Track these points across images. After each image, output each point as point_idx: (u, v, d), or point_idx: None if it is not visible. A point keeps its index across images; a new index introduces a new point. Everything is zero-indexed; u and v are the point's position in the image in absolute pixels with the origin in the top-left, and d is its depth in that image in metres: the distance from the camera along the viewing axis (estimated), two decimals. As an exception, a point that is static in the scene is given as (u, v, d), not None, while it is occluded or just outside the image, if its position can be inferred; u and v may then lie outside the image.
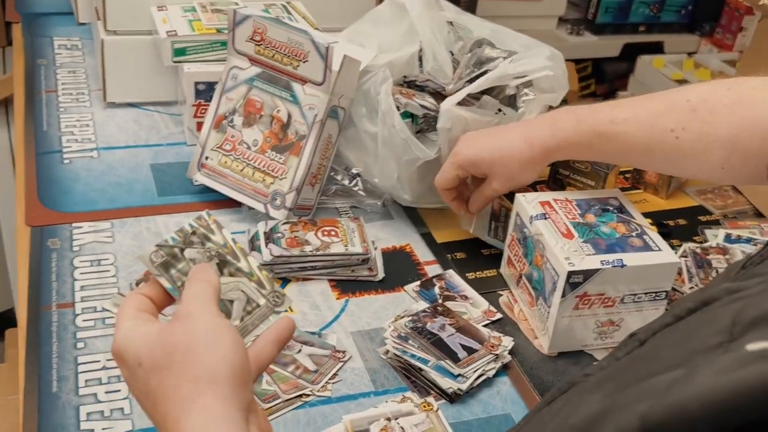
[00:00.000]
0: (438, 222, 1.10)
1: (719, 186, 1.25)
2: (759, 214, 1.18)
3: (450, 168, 0.97)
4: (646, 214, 0.98)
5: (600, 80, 2.55)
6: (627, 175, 1.24)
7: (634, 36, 2.40)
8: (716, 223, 1.15)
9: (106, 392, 0.81)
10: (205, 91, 1.16)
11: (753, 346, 0.34)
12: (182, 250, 0.59)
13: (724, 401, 0.32)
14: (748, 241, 1.08)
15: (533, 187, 1.21)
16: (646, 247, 0.90)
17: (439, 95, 1.09)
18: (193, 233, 0.60)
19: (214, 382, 0.52)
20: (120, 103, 1.29)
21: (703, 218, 1.17)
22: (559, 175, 1.18)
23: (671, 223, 1.15)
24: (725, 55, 2.40)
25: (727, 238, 1.09)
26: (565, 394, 0.52)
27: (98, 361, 0.84)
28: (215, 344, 0.53)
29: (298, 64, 1.02)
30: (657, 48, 2.43)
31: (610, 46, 2.39)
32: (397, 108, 1.02)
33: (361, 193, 1.10)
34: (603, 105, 0.92)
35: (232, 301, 0.60)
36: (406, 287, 0.99)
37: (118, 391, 0.81)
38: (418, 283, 0.99)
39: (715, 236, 1.10)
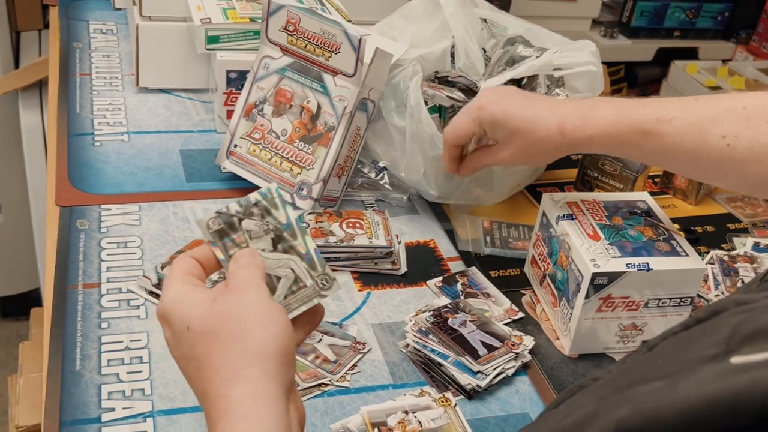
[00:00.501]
0: (462, 217, 1.10)
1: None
2: (789, 224, 1.17)
3: (468, 122, 0.89)
4: (674, 220, 0.97)
5: (632, 84, 2.53)
6: (656, 180, 1.23)
7: (669, 41, 2.38)
8: (745, 232, 1.14)
9: (128, 372, 0.82)
10: (237, 80, 1.17)
11: (737, 359, 0.35)
12: (240, 220, 0.60)
13: (696, 412, 0.32)
14: (777, 250, 1.06)
15: (560, 187, 1.21)
16: (673, 252, 0.89)
17: (470, 91, 1.09)
18: (255, 205, 0.60)
19: (262, 356, 0.53)
20: (152, 88, 1.30)
21: (731, 226, 1.16)
22: (587, 177, 1.18)
23: (699, 229, 1.14)
24: (761, 64, 2.37)
25: (756, 246, 1.08)
26: (572, 397, 0.51)
27: (121, 342, 0.85)
28: (267, 321, 0.54)
29: (330, 56, 1.02)
30: (691, 54, 2.40)
31: (644, 50, 2.36)
32: (425, 101, 1.01)
33: (387, 186, 1.10)
34: (645, 101, 0.83)
35: (279, 278, 0.60)
36: (428, 282, 0.99)
37: (140, 371, 0.82)
38: (441, 278, 0.99)
39: (743, 244, 1.09)
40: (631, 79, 2.51)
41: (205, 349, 0.54)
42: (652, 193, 1.20)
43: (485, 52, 1.13)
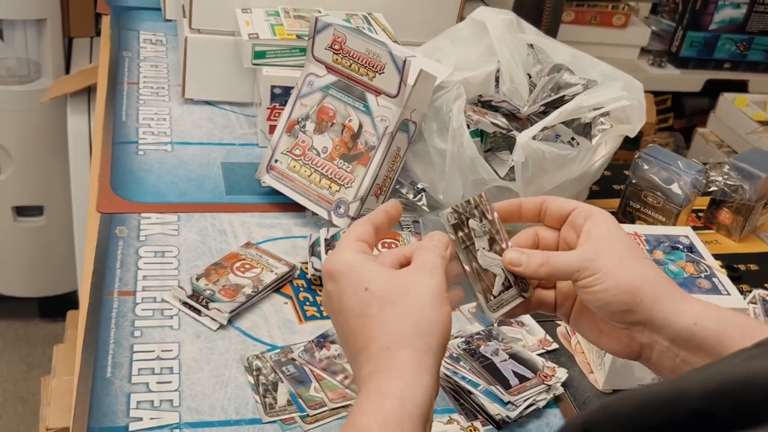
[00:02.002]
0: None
1: (796, 233, 1.20)
2: (836, 267, 1.14)
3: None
4: (716, 256, 0.95)
5: (679, 115, 2.49)
6: (700, 214, 1.21)
7: (718, 72, 2.35)
8: (790, 272, 1.11)
9: (158, 382, 0.82)
10: (281, 95, 1.18)
11: None
12: (467, 219, 0.65)
13: (641, 404, 0.39)
14: (823, 293, 1.03)
15: (601, 217, 1.19)
16: (714, 290, 0.87)
17: (513, 117, 1.08)
18: (476, 207, 0.66)
19: (430, 334, 0.57)
20: (197, 100, 1.31)
21: (776, 265, 1.13)
22: (629, 208, 1.16)
23: (742, 267, 1.11)
24: (814, 98, 2.32)
25: (800, 288, 1.05)
26: None
27: (153, 351, 0.85)
28: (440, 306, 0.59)
29: (374, 75, 1.02)
30: (741, 86, 2.36)
31: (693, 80, 2.33)
32: (468, 125, 1.01)
33: (425, 208, 1.09)
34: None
35: (495, 275, 0.65)
36: (461, 307, 0.98)
37: (170, 382, 0.82)
38: (475, 304, 0.98)
39: (787, 285, 1.06)
40: (678, 110, 2.48)
41: (380, 311, 0.58)
42: (694, 228, 1.18)
43: (530, 77, 1.12)
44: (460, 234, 0.64)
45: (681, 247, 0.93)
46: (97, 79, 1.40)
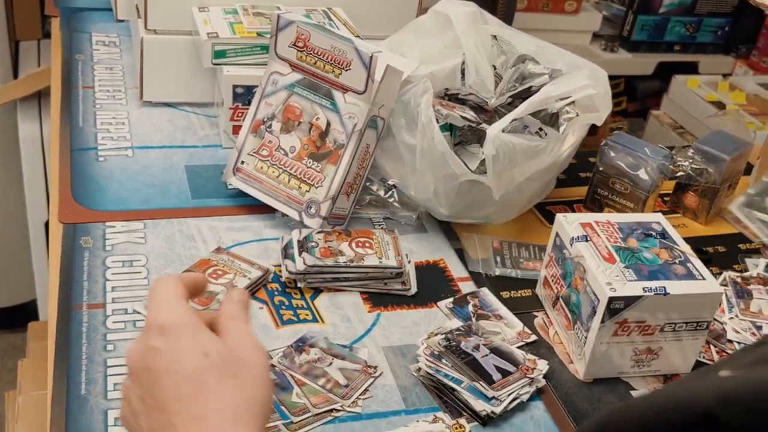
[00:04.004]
0: (471, 237, 1.08)
1: (759, 214, 1.22)
2: (800, 245, 1.16)
3: None
4: (684, 240, 0.95)
5: (632, 98, 2.52)
6: (666, 199, 1.22)
7: (669, 55, 2.37)
8: (757, 252, 1.13)
9: (135, 397, 0.79)
10: (243, 95, 1.15)
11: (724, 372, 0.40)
12: None
13: (655, 407, 0.40)
14: (790, 272, 1.05)
15: (569, 206, 1.19)
16: (690, 276, 0.87)
17: (481, 109, 1.07)
18: None
19: (267, 414, 0.56)
20: (156, 102, 1.28)
21: (743, 246, 1.14)
22: (597, 195, 1.16)
23: (710, 249, 1.12)
24: (761, 78, 2.37)
25: (768, 267, 1.07)
26: None
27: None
28: (270, 384, 0.58)
29: (340, 72, 1.00)
30: (691, 68, 2.39)
31: (644, 64, 2.36)
32: (437, 120, 1.00)
33: (396, 204, 1.08)
34: None
35: None
36: (439, 303, 0.97)
37: (147, 396, 0.80)
38: (452, 299, 0.98)
39: (755, 265, 1.08)
40: (631, 93, 2.50)
41: (219, 381, 0.54)
42: (661, 212, 1.19)
43: (495, 69, 1.11)
44: None
45: (654, 233, 0.93)
46: (48, 83, 1.36)
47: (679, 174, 1.14)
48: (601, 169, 1.14)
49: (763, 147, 1.26)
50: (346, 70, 1.00)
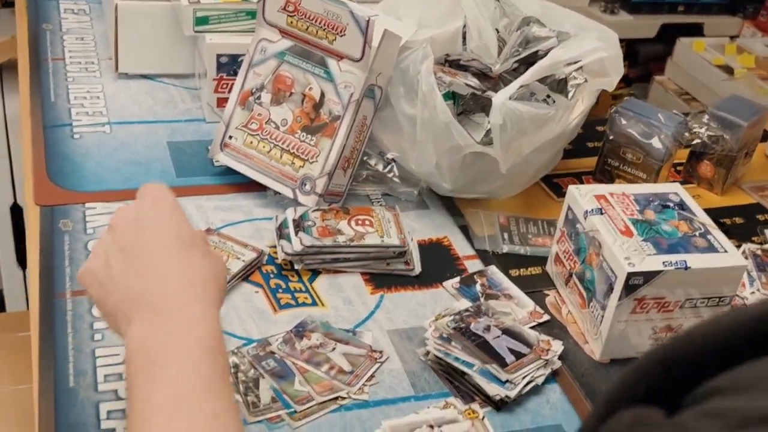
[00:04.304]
0: (476, 213, 1.09)
1: (777, 182, 1.23)
2: (821, 215, 1.17)
3: None
4: (700, 211, 0.96)
5: (633, 63, 2.52)
6: (678, 168, 1.22)
7: (672, 16, 2.37)
8: (776, 223, 1.14)
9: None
10: (228, 64, 1.14)
11: None
12: None
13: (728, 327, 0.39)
14: (812, 243, 1.06)
15: (578, 178, 1.20)
16: (711, 248, 0.88)
17: (484, 76, 1.07)
18: None
19: None
20: (132, 74, 1.27)
21: (761, 217, 1.15)
22: (607, 166, 1.17)
23: (728, 221, 1.13)
24: (773, 40, 2.37)
25: (789, 239, 1.08)
26: None
27: (117, 355, 0.83)
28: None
29: (334, 38, 1.00)
30: (696, 30, 2.40)
31: (647, 26, 2.36)
32: (439, 88, 1.00)
33: (396, 180, 1.08)
34: None
35: None
36: (444, 283, 0.97)
37: (140, 388, 0.80)
38: (458, 279, 0.98)
39: (775, 237, 1.09)
40: (632, 58, 2.51)
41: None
42: (674, 182, 1.20)
43: (498, 33, 1.11)
44: None
45: (671, 205, 0.94)
46: (11, 55, 1.34)
47: (695, 142, 1.15)
48: (611, 138, 1.15)
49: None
50: (341, 36, 0.99)
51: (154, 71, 1.27)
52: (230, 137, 1.06)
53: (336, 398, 0.81)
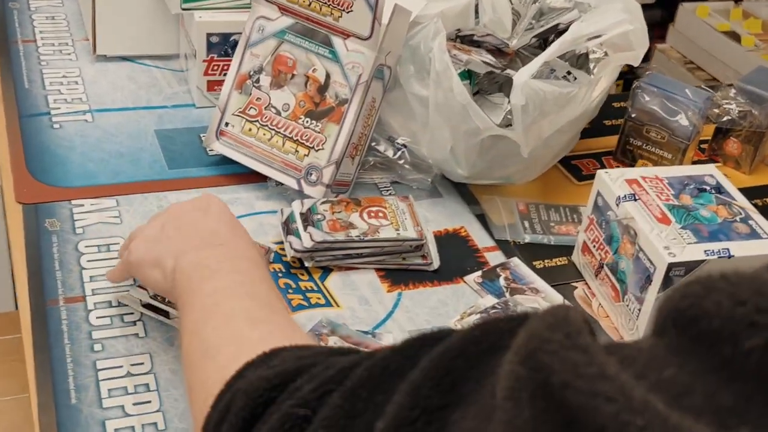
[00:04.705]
0: (493, 200, 1.08)
1: (807, 159, 1.24)
2: None
3: None
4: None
5: (633, 30, 2.52)
6: (703, 146, 1.22)
7: (674, -21, 2.37)
8: (809, 203, 1.14)
9: (135, 404, 0.78)
10: (219, 44, 1.12)
11: None
12: None
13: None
14: None
15: (597, 159, 1.20)
16: (754, 235, 0.88)
17: (499, 52, 1.06)
18: None
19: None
20: (112, 56, 1.24)
21: (793, 198, 1.16)
22: (629, 146, 1.16)
23: (758, 202, 1.13)
24: (778, 3, 2.38)
25: (825, 220, 1.08)
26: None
27: (121, 366, 0.81)
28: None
29: (340, 15, 0.98)
30: (697, -8, 2.40)
31: (648, -9, 2.35)
32: (455, 67, 0.98)
33: (407, 167, 1.07)
34: None
35: None
36: (465, 278, 0.97)
37: (149, 402, 0.78)
38: (480, 273, 0.97)
39: (811, 218, 1.09)
40: (632, 25, 2.50)
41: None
42: (698, 162, 1.20)
43: (512, 5, 1.10)
44: None
45: (708, 188, 0.94)
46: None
47: (725, 119, 1.14)
48: (633, 115, 1.14)
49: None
50: (348, 12, 0.98)
51: (134, 52, 1.25)
52: (227, 124, 1.04)
53: (360, 407, 0.80)
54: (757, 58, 1.98)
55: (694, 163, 1.16)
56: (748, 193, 1.14)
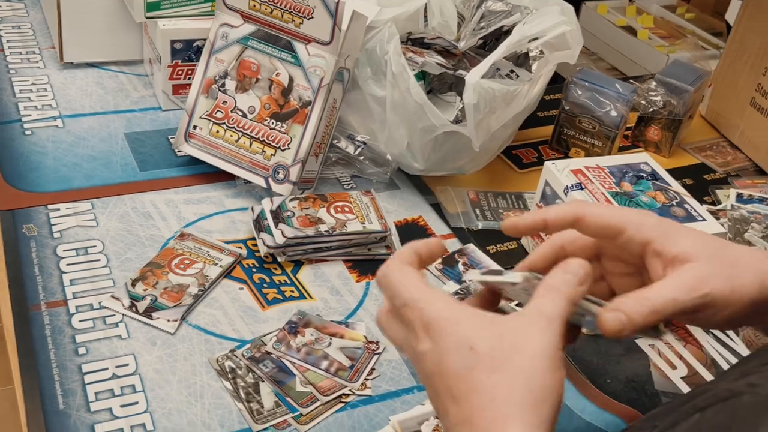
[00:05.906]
0: (446, 191, 1.01)
1: (716, 142, 1.20)
2: (760, 171, 1.14)
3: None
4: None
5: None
6: (626, 134, 1.17)
7: (577, -19, 2.33)
8: (723, 182, 1.10)
9: (122, 406, 0.69)
10: (183, 50, 1.02)
11: None
12: None
13: None
14: (761, 200, 1.03)
15: (534, 148, 1.14)
16: (690, 217, 0.84)
17: (448, 53, 0.99)
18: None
19: (544, 405, 0.46)
20: (78, 63, 1.13)
21: (708, 177, 1.12)
22: (563, 136, 1.11)
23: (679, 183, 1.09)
24: (664, 0, 2.36)
25: (739, 198, 1.04)
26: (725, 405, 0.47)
27: (106, 369, 0.72)
28: (555, 371, 0.46)
29: (301, 22, 0.89)
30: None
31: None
32: (411, 68, 0.91)
33: (366, 162, 0.99)
34: None
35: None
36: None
37: (136, 403, 0.70)
38: (440, 260, 0.91)
39: (726, 197, 1.05)
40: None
41: (488, 375, 0.47)
42: (623, 148, 1.15)
43: (456, 8, 1.02)
44: None
45: (645, 175, 0.89)
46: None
47: (650, 110, 1.09)
48: (566, 108, 1.09)
49: (714, 74, 1.24)
50: (308, 19, 0.89)
51: (100, 59, 1.13)
52: (195, 127, 0.95)
53: (341, 396, 0.73)
54: (650, 49, 1.95)
55: (620, 149, 1.12)
56: (670, 174, 1.11)
